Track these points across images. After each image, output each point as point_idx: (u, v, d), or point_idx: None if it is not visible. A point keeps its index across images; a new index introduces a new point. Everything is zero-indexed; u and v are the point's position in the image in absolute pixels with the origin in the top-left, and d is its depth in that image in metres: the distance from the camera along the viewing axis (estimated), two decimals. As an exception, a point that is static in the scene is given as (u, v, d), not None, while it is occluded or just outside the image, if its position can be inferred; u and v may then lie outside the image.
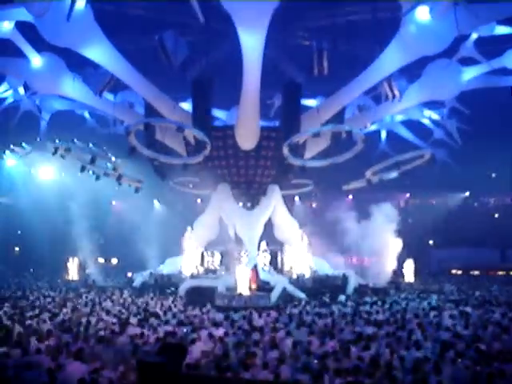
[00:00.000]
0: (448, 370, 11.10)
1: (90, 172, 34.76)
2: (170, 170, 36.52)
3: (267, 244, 37.34)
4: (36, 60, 31.76)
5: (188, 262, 35.92)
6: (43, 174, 45.81)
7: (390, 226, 35.65)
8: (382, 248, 35.53)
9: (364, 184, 36.93)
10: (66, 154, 33.55)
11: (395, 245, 36.25)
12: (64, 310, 21.13)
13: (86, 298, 27.53)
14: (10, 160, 46.26)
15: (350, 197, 51.04)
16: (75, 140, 34.34)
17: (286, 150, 32.50)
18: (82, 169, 33.91)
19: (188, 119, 33.98)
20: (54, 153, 33.50)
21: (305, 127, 33.68)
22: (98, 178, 35.08)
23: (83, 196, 41.88)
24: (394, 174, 35.69)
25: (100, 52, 29.97)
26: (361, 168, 35.42)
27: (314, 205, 56.07)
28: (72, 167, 36.08)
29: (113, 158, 35.62)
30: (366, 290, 33.46)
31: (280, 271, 35.81)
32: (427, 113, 41.71)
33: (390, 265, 36.79)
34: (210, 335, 14.57)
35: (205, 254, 38.00)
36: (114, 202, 47.72)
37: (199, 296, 27.77)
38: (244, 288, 27.82)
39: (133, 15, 35.90)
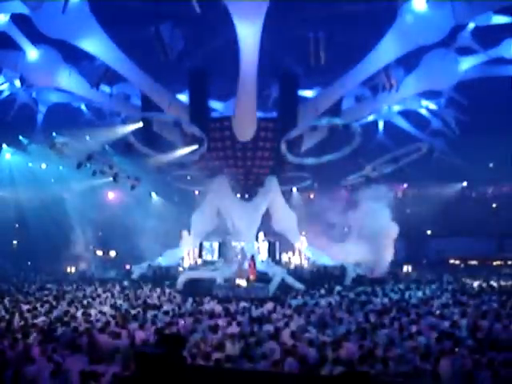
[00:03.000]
0: (445, 359, 11.13)
1: (88, 165, 34.70)
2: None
3: (265, 235, 37.43)
4: (32, 53, 31.67)
5: (186, 254, 35.96)
6: (41, 166, 45.69)
7: (387, 216, 35.69)
8: (380, 238, 35.53)
9: (362, 179, 37.00)
10: (63, 149, 33.50)
11: (393, 235, 36.25)
12: (62, 303, 21.13)
13: (85, 290, 27.54)
14: (7, 154, 46.15)
15: (348, 187, 50.98)
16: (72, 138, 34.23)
17: (283, 147, 32.52)
18: (79, 165, 33.89)
19: (185, 111, 33.97)
20: (52, 146, 33.46)
21: (302, 118, 33.68)
22: (94, 173, 35.03)
23: (81, 188, 41.85)
24: (392, 167, 35.82)
25: (96, 44, 29.96)
26: (358, 158, 35.40)
27: (311, 195, 56.00)
28: (70, 159, 36.00)
29: (110, 157, 35.53)
30: (364, 280, 33.49)
31: (278, 262, 35.86)
32: (425, 103, 41.62)
33: (388, 255, 36.81)
34: (210, 327, 14.61)
35: (203, 245, 38.04)
36: (112, 194, 47.58)
37: (197, 287, 27.83)
38: (242, 279, 27.88)
39: (129, 6, 35.70)
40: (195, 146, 33.40)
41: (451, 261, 57.18)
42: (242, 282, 27.94)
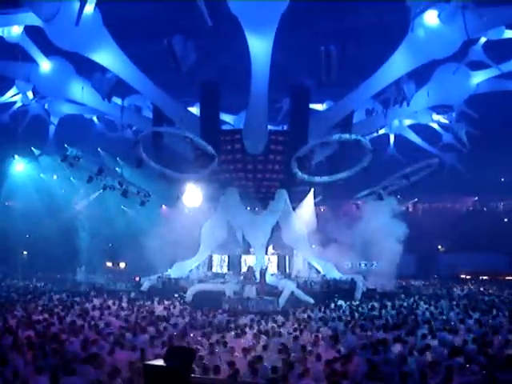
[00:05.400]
0: (457, 375, 11.00)
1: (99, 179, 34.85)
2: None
3: (274, 248, 37.29)
4: (45, 64, 32.02)
5: (196, 266, 35.94)
6: (52, 177, 45.90)
7: (398, 230, 35.53)
8: (391, 252, 35.36)
9: (374, 196, 36.79)
10: (75, 162, 33.71)
11: (403, 249, 36.06)
12: (71, 314, 21.11)
13: (94, 301, 27.52)
14: (19, 164, 46.42)
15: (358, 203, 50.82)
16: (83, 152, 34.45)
17: (295, 167, 32.48)
18: (89, 179, 34.06)
19: (196, 123, 34.02)
20: (64, 160, 33.65)
21: (313, 131, 33.66)
22: (104, 187, 35.19)
23: (92, 200, 41.99)
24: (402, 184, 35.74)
25: (108, 56, 30.17)
26: (369, 173, 35.22)
27: (322, 209, 55.93)
28: (81, 171, 36.19)
29: (120, 171, 35.67)
30: (374, 294, 33.31)
31: (288, 275, 35.71)
32: (436, 117, 41.57)
33: (398, 269, 36.61)
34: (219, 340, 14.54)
35: (213, 257, 37.98)
36: (122, 206, 47.67)
37: (207, 300, 27.72)
38: (252, 292, 27.81)
39: (141, 19, 35.97)
40: (206, 162, 33.54)
41: (462, 275, 56.79)
42: (252, 295, 27.87)
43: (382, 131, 42.59)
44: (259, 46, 27.65)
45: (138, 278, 37.72)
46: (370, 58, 34.54)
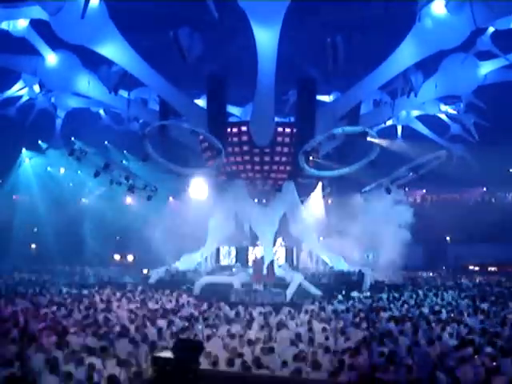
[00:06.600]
0: (465, 366, 10.97)
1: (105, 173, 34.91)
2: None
3: (283, 240, 37.26)
4: (51, 58, 32.03)
5: (203, 259, 35.97)
6: (59, 170, 46.03)
7: (406, 221, 35.42)
8: (398, 244, 35.27)
9: (383, 191, 36.59)
10: (81, 156, 33.76)
11: (411, 241, 35.95)
12: (81, 307, 21.16)
13: (103, 294, 27.58)
14: (27, 158, 46.58)
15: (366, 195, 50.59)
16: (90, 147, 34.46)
17: (302, 161, 32.40)
18: (96, 174, 34.15)
19: (203, 116, 33.98)
20: (71, 154, 33.72)
21: (320, 123, 33.56)
22: (111, 182, 35.28)
23: (99, 193, 42.09)
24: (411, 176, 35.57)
25: (114, 49, 30.15)
26: (377, 166, 35.07)
27: (329, 201, 55.82)
28: (88, 165, 36.22)
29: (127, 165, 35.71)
30: (382, 286, 33.27)
31: (296, 267, 35.69)
32: (444, 108, 41.36)
33: (406, 261, 36.51)
34: (227, 332, 14.55)
35: (220, 250, 37.99)
36: (129, 199, 47.74)
37: (215, 292, 27.72)
38: (260, 284, 27.82)
39: (147, 11, 35.86)
40: (213, 155, 33.58)
41: (470, 267, 56.61)
42: (260, 287, 27.87)
43: (389, 122, 42.39)
44: (266, 38, 27.57)
45: (145, 271, 37.80)
46: (377, 49, 34.37)
